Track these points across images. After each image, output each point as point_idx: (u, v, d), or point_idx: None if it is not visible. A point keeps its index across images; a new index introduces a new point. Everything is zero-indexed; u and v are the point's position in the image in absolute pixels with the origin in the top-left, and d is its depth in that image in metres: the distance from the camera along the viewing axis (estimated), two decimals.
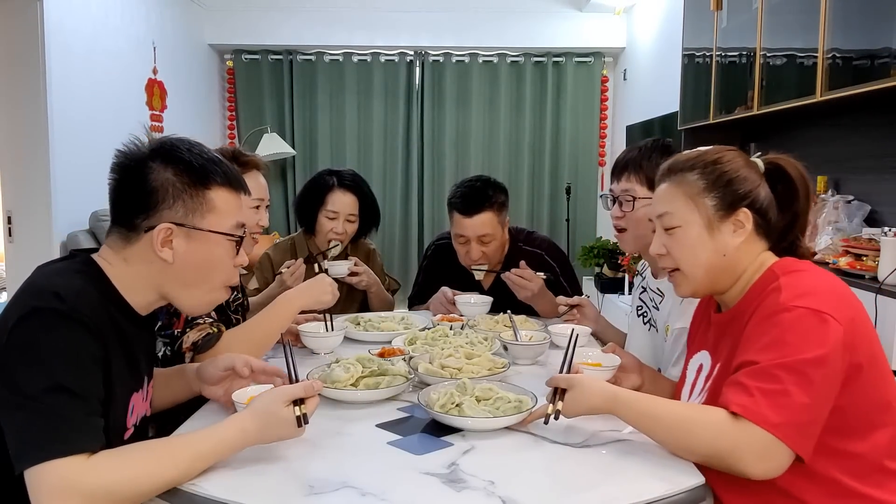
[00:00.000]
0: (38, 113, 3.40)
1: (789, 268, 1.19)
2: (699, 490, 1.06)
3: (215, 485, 1.05)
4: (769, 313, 1.11)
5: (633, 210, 1.71)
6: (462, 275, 2.35)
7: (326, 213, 2.39)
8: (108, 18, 4.03)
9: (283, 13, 5.50)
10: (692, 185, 1.24)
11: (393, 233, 5.76)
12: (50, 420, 0.98)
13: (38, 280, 1.11)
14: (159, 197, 1.14)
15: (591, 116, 5.78)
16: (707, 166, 1.24)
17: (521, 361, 1.74)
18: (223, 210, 1.19)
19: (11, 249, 3.50)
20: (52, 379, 0.99)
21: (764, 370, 1.05)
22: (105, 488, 0.97)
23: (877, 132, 2.59)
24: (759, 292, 1.18)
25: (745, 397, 1.04)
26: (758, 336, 1.10)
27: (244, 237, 1.25)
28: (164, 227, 1.13)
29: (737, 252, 1.22)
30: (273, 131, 5.52)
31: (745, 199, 1.22)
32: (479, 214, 2.24)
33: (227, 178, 1.21)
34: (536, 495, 1.03)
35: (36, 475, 0.96)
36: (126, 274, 1.16)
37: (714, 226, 1.22)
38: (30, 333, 1.01)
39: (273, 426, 1.12)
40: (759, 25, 2.86)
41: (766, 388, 1.04)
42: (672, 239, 1.26)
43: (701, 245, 1.23)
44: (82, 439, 0.99)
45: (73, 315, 1.03)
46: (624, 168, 1.75)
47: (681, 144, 3.79)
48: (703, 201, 1.23)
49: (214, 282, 1.22)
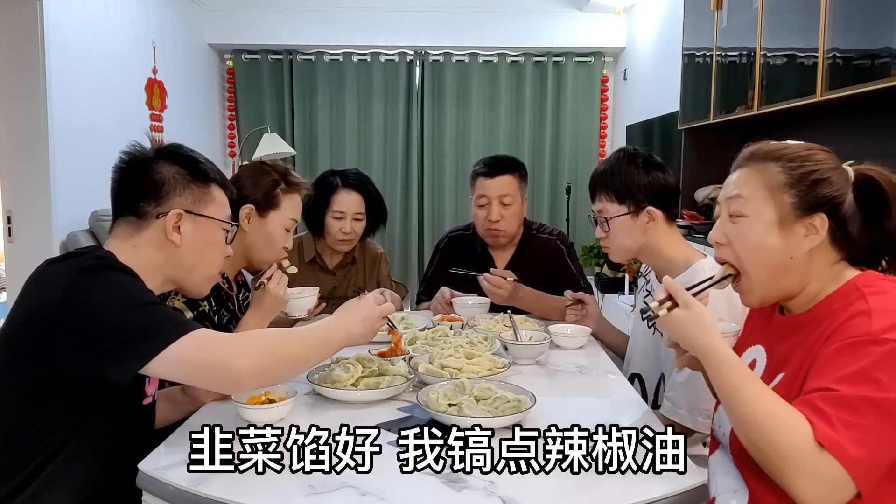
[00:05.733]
0: (38, 113, 3.40)
1: (875, 286, 1.09)
2: (699, 490, 1.06)
3: (215, 485, 1.05)
4: (858, 341, 1.01)
5: (609, 230, 1.77)
6: (476, 263, 2.35)
7: (333, 213, 2.38)
8: (107, 18, 4.02)
9: (282, 13, 5.50)
10: (774, 177, 1.14)
11: (393, 233, 5.76)
12: (154, 320, 1.11)
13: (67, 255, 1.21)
14: (169, 187, 1.29)
15: (591, 116, 5.78)
16: (793, 161, 1.15)
17: (521, 361, 1.73)
18: (220, 203, 1.37)
19: (11, 249, 3.50)
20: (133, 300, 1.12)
21: (847, 401, 0.98)
22: (270, 344, 1.18)
23: (877, 132, 2.58)
24: (839, 306, 1.09)
25: (829, 428, 0.97)
26: (843, 363, 1.01)
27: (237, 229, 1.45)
28: (176, 213, 1.28)
29: (805, 257, 1.14)
30: (273, 131, 5.50)
31: (826, 204, 1.12)
32: (502, 176, 2.34)
33: (221, 178, 1.39)
34: (536, 495, 1.03)
35: (190, 346, 1.10)
36: (134, 259, 1.24)
37: (787, 224, 1.13)
38: (90, 280, 1.12)
39: (356, 313, 1.32)
40: (759, 25, 2.86)
41: (848, 420, 0.97)
42: (736, 229, 1.18)
43: (767, 242, 1.15)
44: (193, 324, 1.15)
45: (117, 266, 1.18)
46: (594, 189, 1.82)
47: (681, 144, 3.80)
48: (781, 196, 1.13)
49: (213, 265, 1.38)
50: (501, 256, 2.45)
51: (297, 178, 1.93)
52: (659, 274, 1.78)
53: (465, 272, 2.25)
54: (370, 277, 2.54)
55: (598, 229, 1.82)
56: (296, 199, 1.92)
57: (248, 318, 1.69)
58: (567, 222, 5.32)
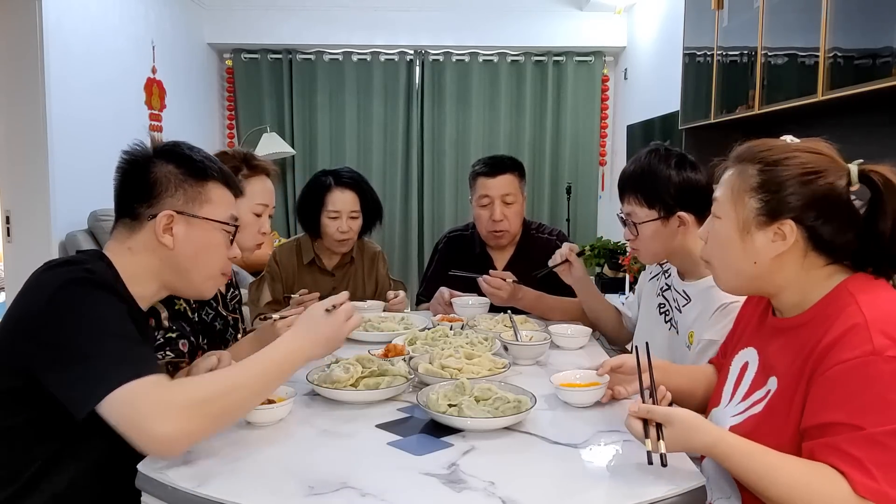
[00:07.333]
0: (37, 112, 3.39)
1: (866, 289, 1.06)
2: (699, 490, 1.06)
3: (215, 485, 1.05)
4: (862, 363, 0.97)
5: (639, 234, 1.71)
6: (475, 263, 2.35)
7: (328, 213, 2.37)
8: (106, 18, 4.02)
9: (282, 12, 5.49)
10: (745, 180, 1.12)
11: (393, 233, 5.75)
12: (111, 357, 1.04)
13: (61, 263, 1.17)
14: (162, 187, 1.24)
15: (591, 116, 5.77)
16: (769, 164, 1.11)
17: (521, 362, 1.73)
18: (218, 203, 1.29)
19: (10, 249, 3.49)
20: (102, 328, 1.07)
21: (873, 439, 0.94)
22: (198, 400, 1.04)
23: (879, 132, 2.58)
24: (831, 310, 1.06)
25: (867, 479, 0.94)
26: (852, 392, 0.97)
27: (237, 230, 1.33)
28: (166, 214, 1.22)
29: (773, 262, 1.11)
30: (272, 131, 5.51)
31: (793, 210, 1.08)
32: (503, 175, 2.36)
33: (222, 175, 1.32)
34: (536, 495, 1.03)
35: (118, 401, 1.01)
36: (130, 264, 1.23)
37: (748, 230, 1.12)
38: (70, 297, 1.08)
39: (315, 324, 1.22)
40: (760, 24, 2.86)
41: (882, 460, 0.94)
42: (712, 229, 1.19)
43: (730, 245, 1.14)
44: (148, 367, 1.06)
45: (104, 284, 1.13)
46: (623, 189, 1.74)
47: (681, 144, 3.79)
48: (746, 200, 1.12)
49: (211, 268, 1.30)
50: (501, 257, 2.45)
51: (259, 161, 1.89)
52: (683, 274, 1.75)
53: (464, 274, 2.25)
54: (369, 277, 2.54)
55: (627, 231, 1.75)
56: (261, 182, 1.88)
57: (244, 346, 1.65)
58: (567, 222, 5.32)
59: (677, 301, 1.74)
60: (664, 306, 1.81)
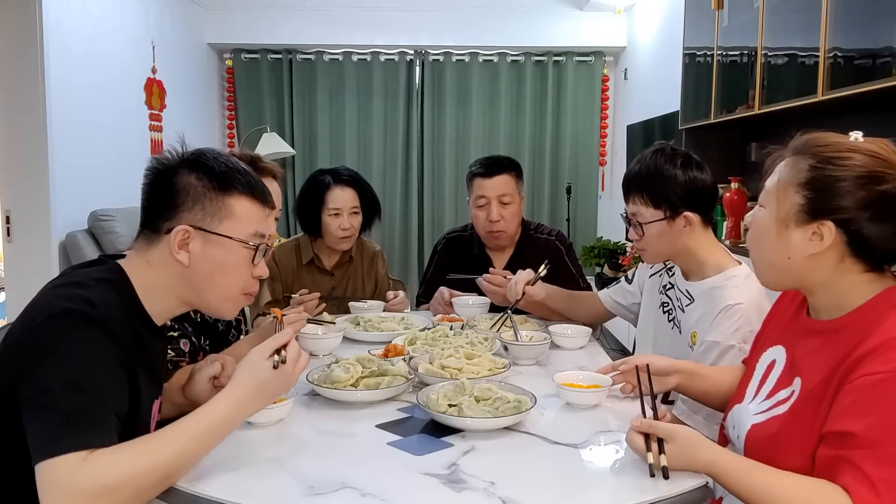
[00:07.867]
0: (37, 112, 3.39)
1: None
2: (699, 490, 1.06)
3: (215, 485, 1.04)
4: (891, 378, 0.95)
5: (644, 234, 1.70)
6: (474, 264, 2.34)
7: (329, 211, 2.38)
8: (106, 18, 4.02)
9: (282, 12, 5.49)
10: (795, 174, 1.09)
11: (393, 232, 5.76)
12: (62, 416, 0.98)
13: (70, 283, 1.11)
14: (180, 200, 1.15)
15: (591, 116, 5.77)
16: (822, 161, 1.07)
17: (521, 362, 1.73)
18: (242, 217, 1.18)
19: (10, 249, 3.49)
20: (69, 376, 0.99)
21: (889, 458, 0.93)
22: (103, 487, 0.95)
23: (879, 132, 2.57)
24: (870, 321, 1.04)
25: (872, 496, 0.92)
26: (875, 405, 0.95)
27: (266, 248, 1.22)
28: (182, 229, 1.14)
29: (808, 261, 1.09)
30: (272, 131, 5.51)
31: (835, 213, 1.05)
32: (499, 175, 2.34)
33: (249, 188, 1.20)
34: (536, 495, 1.03)
35: (42, 472, 0.96)
36: (148, 277, 1.16)
37: (787, 224, 1.09)
38: (56, 331, 1.02)
39: (262, 383, 1.10)
40: (760, 24, 2.86)
41: (891, 479, 0.92)
42: (755, 218, 1.17)
43: (767, 236, 1.12)
44: (89, 437, 0.98)
45: (101, 321, 1.04)
46: (628, 189, 1.72)
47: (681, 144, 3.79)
48: (791, 194, 1.09)
49: (229, 289, 1.20)
50: (500, 257, 2.44)
51: (266, 163, 1.87)
52: (687, 274, 1.74)
53: (463, 276, 2.24)
54: (368, 276, 2.54)
55: (632, 231, 1.73)
56: (267, 184, 1.86)
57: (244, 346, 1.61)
58: (567, 222, 5.32)
59: (680, 300, 1.73)
60: (667, 305, 1.81)
